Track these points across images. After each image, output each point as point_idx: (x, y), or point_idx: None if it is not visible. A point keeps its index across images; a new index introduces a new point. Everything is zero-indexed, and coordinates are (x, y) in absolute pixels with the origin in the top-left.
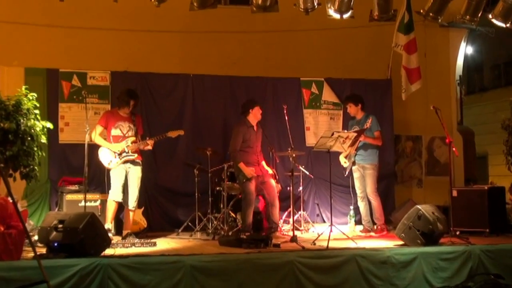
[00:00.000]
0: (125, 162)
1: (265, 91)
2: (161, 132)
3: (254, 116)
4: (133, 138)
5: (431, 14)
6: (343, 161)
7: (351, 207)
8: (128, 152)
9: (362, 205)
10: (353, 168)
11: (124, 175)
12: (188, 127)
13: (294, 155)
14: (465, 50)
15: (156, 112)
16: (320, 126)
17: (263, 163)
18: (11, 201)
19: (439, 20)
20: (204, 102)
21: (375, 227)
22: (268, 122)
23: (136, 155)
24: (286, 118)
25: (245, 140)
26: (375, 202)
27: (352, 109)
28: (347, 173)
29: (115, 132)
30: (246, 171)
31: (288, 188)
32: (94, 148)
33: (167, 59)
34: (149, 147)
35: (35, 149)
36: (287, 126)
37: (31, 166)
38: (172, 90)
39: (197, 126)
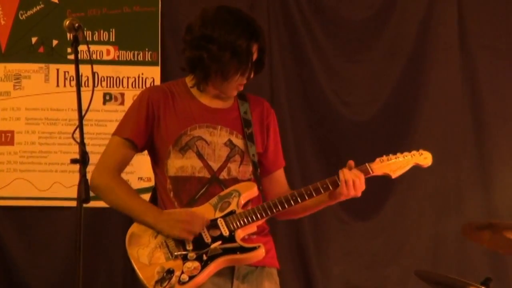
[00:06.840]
0: (221, 274)
1: None
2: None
3: None
4: (251, 186)
5: None
6: None
7: None
8: (231, 236)
9: None
10: None
11: None
12: (430, 135)
13: None
14: None
15: (323, 82)
16: None
17: None
18: None
19: None
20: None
21: None
22: None
23: (260, 246)
24: None
25: None
26: None
27: None
28: None
29: (180, 162)
30: None
31: None
32: (112, 216)
33: None
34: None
35: None
36: None
37: None
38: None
39: (481, 129)
